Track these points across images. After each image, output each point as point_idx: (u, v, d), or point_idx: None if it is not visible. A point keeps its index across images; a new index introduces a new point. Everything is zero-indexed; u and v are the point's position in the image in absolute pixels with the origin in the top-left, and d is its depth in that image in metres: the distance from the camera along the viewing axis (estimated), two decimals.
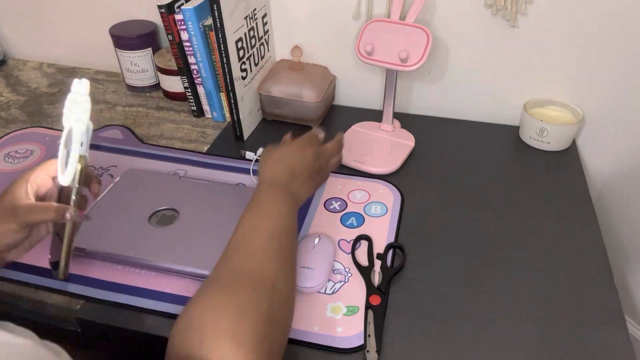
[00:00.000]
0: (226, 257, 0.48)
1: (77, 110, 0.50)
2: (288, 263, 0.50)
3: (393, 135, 0.88)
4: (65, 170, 0.51)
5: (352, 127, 0.90)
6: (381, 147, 0.85)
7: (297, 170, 0.59)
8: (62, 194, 0.54)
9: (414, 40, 0.77)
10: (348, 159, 0.82)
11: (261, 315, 0.42)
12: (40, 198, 0.55)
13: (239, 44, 0.81)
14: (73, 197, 0.52)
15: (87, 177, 0.54)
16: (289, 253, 0.52)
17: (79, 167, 0.51)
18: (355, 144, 0.85)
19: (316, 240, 0.65)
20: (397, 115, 0.96)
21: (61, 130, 0.54)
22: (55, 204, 0.52)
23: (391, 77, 0.83)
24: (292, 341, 0.56)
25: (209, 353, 0.38)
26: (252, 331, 0.40)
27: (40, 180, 0.54)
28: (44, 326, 0.65)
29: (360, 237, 0.68)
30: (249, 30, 0.84)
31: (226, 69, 0.79)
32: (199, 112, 0.95)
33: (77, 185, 0.52)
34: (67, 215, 0.51)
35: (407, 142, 0.86)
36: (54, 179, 0.55)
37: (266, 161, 0.60)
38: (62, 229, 0.53)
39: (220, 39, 0.76)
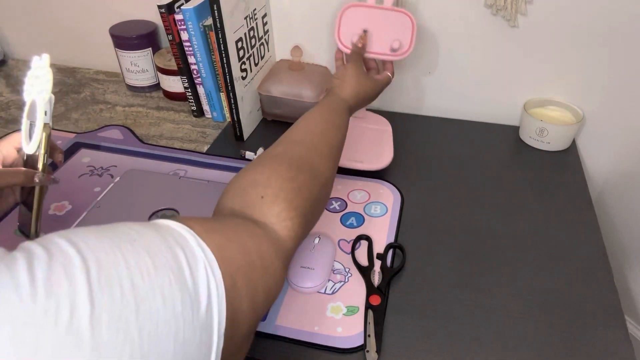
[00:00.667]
0: (294, 142, 0.55)
1: (39, 83, 0.52)
2: (336, 165, 0.58)
3: (367, 123, 0.85)
4: (31, 139, 0.54)
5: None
6: (366, 141, 0.82)
7: (365, 101, 0.70)
8: (27, 164, 0.56)
9: (398, 27, 0.73)
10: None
11: (311, 197, 0.49)
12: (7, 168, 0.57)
13: (239, 44, 0.81)
14: (40, 162, 0.54)
15: (50, 147, 0.56)
16: (339, 158, 0.60)
17: (44, 134, 0.53)
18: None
19: (316, 240, 0.65)
20: (397, 116, 0.96)
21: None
22: (23, 168, 0.54)
23: None
24: (292, 341, 0.56)
25: (267, 207, 0.44)
26: (303, 205, 0.47)
27: (5, 151, 0.56)
28: None
29: (360, 237, 0.68)
30: (249, 30, 0.84)
31: (226, 69, 0.79)
32: (199, 112, 0.95)
33: (43, 152, 0.54)
34: (36, 178, 0.53)
35: (384, 127, 0.85)
36: (19, 150, 0.57)
37: (350, 79, 0.67)
38: (28, 198, 0.55)
39: (220, 39, 0.76)
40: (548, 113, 0.90)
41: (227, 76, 0.80)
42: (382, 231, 0.70)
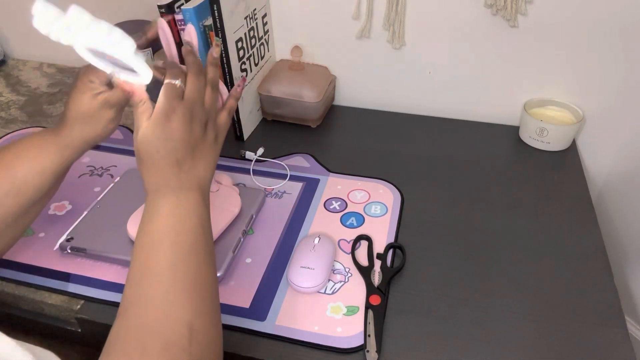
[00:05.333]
0: (124, 309, 0.39)
1: (81, 23, 0.44)
2: (203, 289, 0.41)
3: (215, 198, 0.68)
4: (136, 70, 0.47)
5: None
6: None
7: (179, 154, 0.46)
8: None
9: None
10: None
11: None
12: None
13: (239, 44, 0.81)
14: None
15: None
16: (202, 274, 0.42)
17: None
18: None
19: (316, 240, 0.65)
20: (397, 116, 0.96)
21: None
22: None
23: None
24: (292, 341, 0.56)
25: None
26: None
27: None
28: (44, 326, 0.65)
29: (360, 237, 0.68)
30: (249, 30, 0.84)
31: (226, 69, 0.79)
32: None
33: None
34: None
35: (230, 208, 0.68)
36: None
37: (141, 162, 0.46)
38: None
39: (220, 39, 0.76)
40: (548, 113, 0.90)
41: (227, 76, 0.80)
42: (382, 231, 0.70)
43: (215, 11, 0.73)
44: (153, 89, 0.48)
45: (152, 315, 0.37)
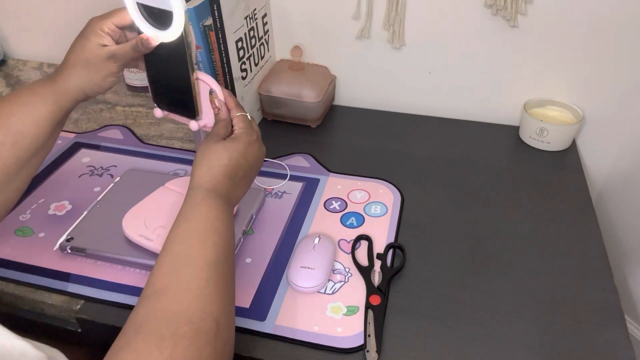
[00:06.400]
0: (156, 291, 0.40)
1: None
2: (230, 292, 0.44)
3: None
4: (157, 23, 0.48)
5: (166, 184, 0.70)
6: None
7: (240, 173, 0.51)
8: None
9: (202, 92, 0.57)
10: (133, 233, 0.63)
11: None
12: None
13: (239, 44, 0.81)
14: (190, 55, 0.50)
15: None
16: (230, 278, 0.45)
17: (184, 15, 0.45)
18: (156, 210, 0.66)
19: (316, 240, 0.65)
20: (397, 116, 0.96)
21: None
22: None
23: (197, 133, 0.68)
24: (291, 341, 0.56)
25: None
26: None
27: (109, 30, 0.53)
28: (44, 326, 0.65)
29: (360, 237, 0.68)
30: (249, 30, 0.84)
31: (226, 69, 0.79)
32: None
33: (190, 39, 0.48)
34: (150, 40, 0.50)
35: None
36: (123, 28, 0.54)
37: (204, 160, 0.50)
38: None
39: (220, 39, 0.76)
40: (548, 113, 0.90)
41: (227, 76, 0.80)
42: (382, 231, 0.70)
43: (215, 11, 0.73)
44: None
45: (186, 304, 0.39)
